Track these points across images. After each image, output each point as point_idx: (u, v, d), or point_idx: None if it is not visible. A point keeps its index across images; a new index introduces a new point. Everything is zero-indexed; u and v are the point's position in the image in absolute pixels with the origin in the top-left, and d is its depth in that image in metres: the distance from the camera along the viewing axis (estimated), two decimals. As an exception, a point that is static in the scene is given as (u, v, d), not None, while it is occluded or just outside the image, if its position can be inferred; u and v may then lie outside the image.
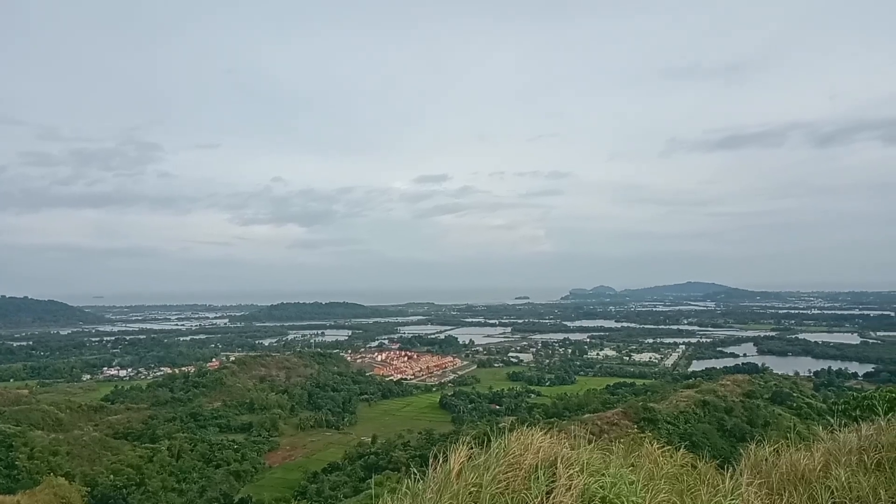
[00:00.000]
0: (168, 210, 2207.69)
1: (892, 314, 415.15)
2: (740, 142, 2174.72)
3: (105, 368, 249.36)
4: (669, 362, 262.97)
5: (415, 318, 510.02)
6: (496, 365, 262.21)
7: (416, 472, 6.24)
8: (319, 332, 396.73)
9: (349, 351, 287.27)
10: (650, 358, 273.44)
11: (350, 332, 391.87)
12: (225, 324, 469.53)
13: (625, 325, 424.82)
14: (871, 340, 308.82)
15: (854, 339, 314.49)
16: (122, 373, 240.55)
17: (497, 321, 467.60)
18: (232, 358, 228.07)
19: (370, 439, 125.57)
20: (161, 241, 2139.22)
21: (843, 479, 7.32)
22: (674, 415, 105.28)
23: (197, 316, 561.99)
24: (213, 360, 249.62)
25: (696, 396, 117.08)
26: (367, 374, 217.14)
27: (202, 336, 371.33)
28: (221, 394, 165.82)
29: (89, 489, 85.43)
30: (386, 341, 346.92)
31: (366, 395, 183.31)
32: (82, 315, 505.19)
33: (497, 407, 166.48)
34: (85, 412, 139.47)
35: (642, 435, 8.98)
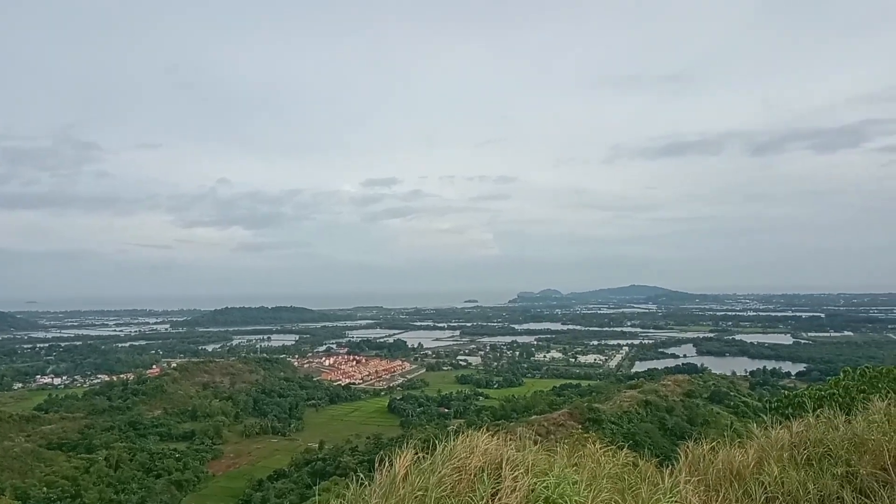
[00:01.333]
0: (107, 211, 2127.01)
1: (823, 316, 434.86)
2: (681, 149, 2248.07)
3: (38, 377, 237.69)
4: (614, 363, 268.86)
5: (363, 322, 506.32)
6: (445, 368, 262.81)
7: (362, 477, 6.20)
8: (265, 337, 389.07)
9: (296, 356, 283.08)
10: (595, 359, 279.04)
11: (297, 337, 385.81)
12: (166, 329, 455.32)
13: (571, 327, 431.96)
14: (802, 341, 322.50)
15: (787, 340, 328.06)
16: (57, 381, 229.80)
17: (446, 324, 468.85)
18: (173, 364, 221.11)
19: (317, 445, 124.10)
20: (99, 244, 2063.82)
21: (775, 474, 7.62)
22: (618, 415, 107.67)
23: (136, 321, 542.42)
24: (154, 366, 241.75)
25: (638, 396, 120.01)
26: (315, 379, 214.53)
27: (142, 342, 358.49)
28: (162, 401, 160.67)
29: (20, 503, 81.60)
30: (334, 346, 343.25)
31: (313, 401, 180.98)
32: (14, 321, 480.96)
33: (446, 410, 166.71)
34: (16, 422, 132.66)
35: (586, 435, 9.17)
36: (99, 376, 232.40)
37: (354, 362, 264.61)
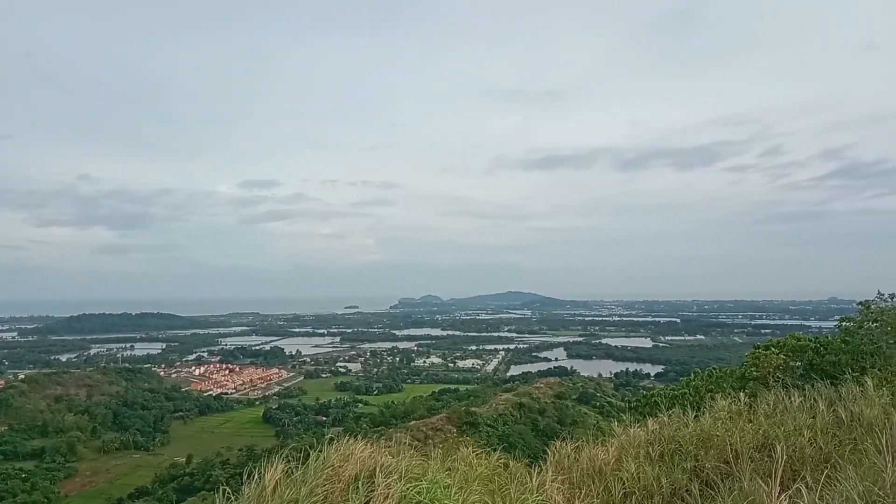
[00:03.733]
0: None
1: (679, 321, 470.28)
2: (556, 162, 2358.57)
3: None
4: (490, 368, 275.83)
5: (238, 330, 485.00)
6: (324, 375, 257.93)
7: (229, 491, 5.93)
8: (128, 345, 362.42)
9: (162, 365, 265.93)
10: (473, 364, 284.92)
11: (164, 346, 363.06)
12: (13, 337, 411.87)
13: (451, 332, 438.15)
14: (661, 344, 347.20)
15: (647, 343, 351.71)
16: None
17: (326, 331, 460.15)
18: (21, 376, 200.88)
19: (184, 459, 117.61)
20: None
21: (633, 470, 8.16)
22: (493, 417, 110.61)
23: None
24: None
25: (513, 399, 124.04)
26: (183, 389, 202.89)
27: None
28: (8, 416, 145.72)
29: None
30: (205, 354, 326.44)
31: (181, 413, 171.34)
32: None
33: (324, 418, 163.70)
34: None
35: (460, 439, 9.36)
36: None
37: (227, 371, 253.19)
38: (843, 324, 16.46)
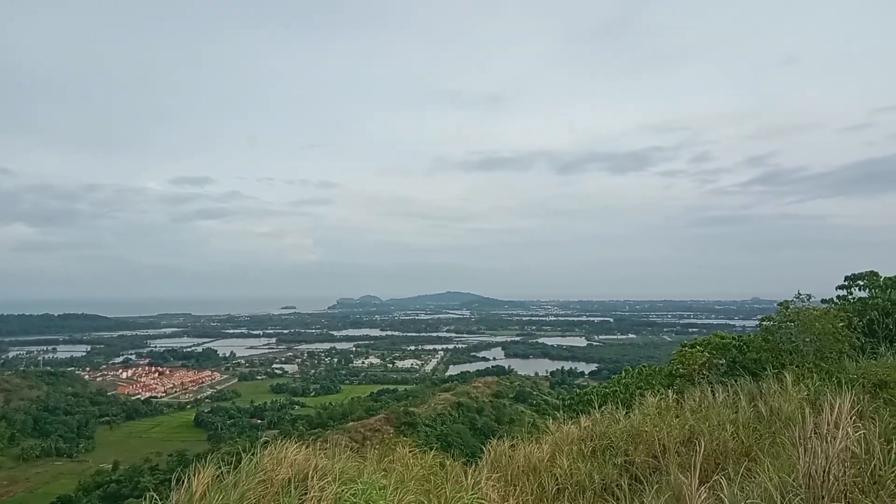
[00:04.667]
0: None
1: (612, 320, 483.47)
2: (496, 165, 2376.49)
3: None
4: (429, 367, 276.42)
5: (169, 331, 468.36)
6: (259, 377, 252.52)
7: (157, 497, 5.72)
8: (50, 348, 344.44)
9: (87, 369, 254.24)
10: (412, 364, 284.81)
11: (89, 348, 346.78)
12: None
13: (389, 333, 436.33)
14: (595, 343, 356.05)
15: (582, 342, 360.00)
16: None
17: (261, 332, 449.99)
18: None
19: (111, 466, 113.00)
20: None
21: (566, 466, 8.35)
22: (432, 417, 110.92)
23: None
24: None
25: (451, 399, 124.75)
26: (110, 393, 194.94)
27: None
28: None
29: None
30: (133, 356, 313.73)
31: (107, 417, 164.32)
32: None
33: (258, 421, 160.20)
34: None
35: (397, 440, 9.33)
36: None
37: (157, 374, 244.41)
38: (764, 323, 17.22)
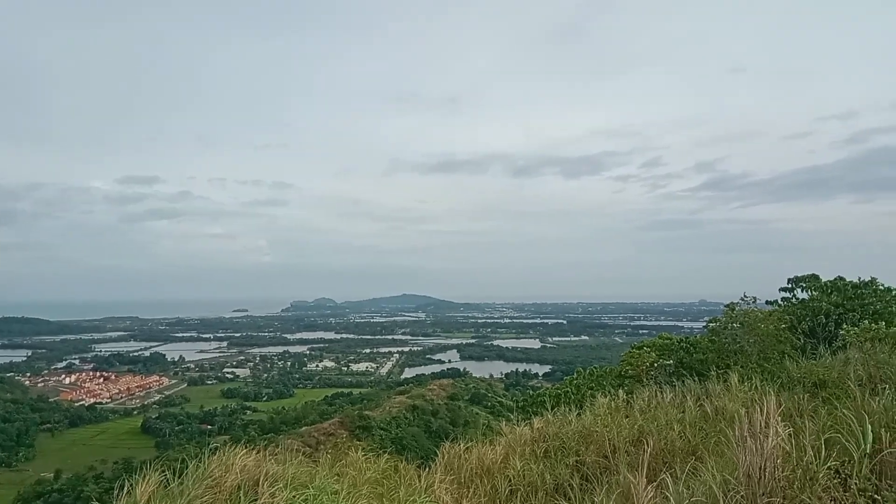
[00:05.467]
0: None
1: (565, 322, 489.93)
2: (452, 167, 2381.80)
3: None
4: (385, 371, 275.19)
5: (115, 335, 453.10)
6: (210, 382, 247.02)
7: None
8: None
9: (28, 374, 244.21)
10: (367, 367, 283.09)
11: (29, 353, 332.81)
12: None
13: (344, 336, 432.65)
14: (548, 345, 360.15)
15: (536, 344, 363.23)
16: None
17: (212, 335, 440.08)
18: None
19: (53, 475, 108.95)
20: None
21: (518, 467, 8.46)
22: (387, 420, 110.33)
23: None
24: None
25: (407, 402, 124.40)
26: (52, 399, 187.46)
27: None
28: None
29: None
30: (77, 361, 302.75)
31: (49, 425, 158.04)
32: None
33: (208, 427, 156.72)
34: None
35: (350, 444, 9.29)
36: None
37: (102, 379, 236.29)
38: (711, 324, 17.79)
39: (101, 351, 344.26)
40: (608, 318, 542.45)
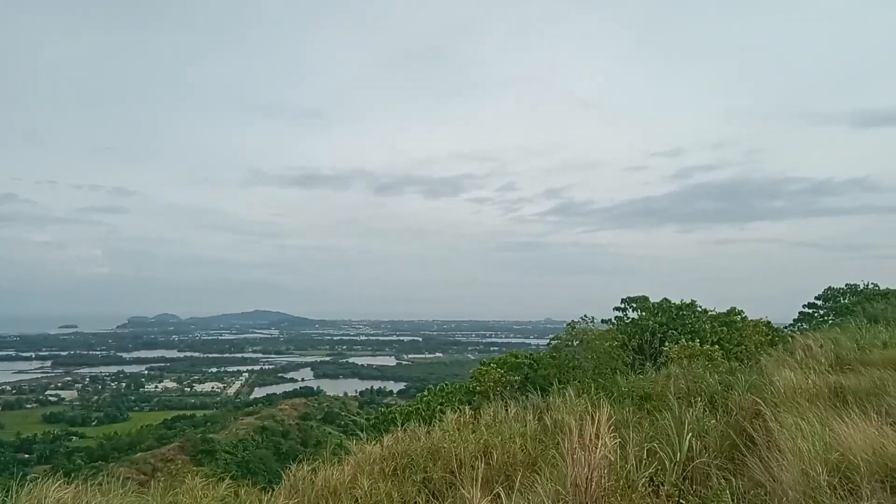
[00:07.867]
0: None
1: (420, 339, 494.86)
2: (314, 182, 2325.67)
3: None
4: (232, 391, 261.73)
5: None
6: (29, 406, 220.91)
7: None
8: None
9: None
10: (213, 387, 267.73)
11: None
12: None
13: (189, 354, 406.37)
14: (404, 362, 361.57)
15: (392, 362, 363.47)
16: None
17: (34, 354, 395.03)
18: None
19: None
20: None
21: (366, 487, 8.40)
22: (233, 443, 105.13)
23: None
24: None
25: (255, 423, 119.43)
26: None
27: None
28: None
29: None
30: None
31: None
32: None
33: (26, 456, 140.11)
34: None
35: (189, 469, 8.76)
36: None
37: None
38: (553, 342, 18.93)
39: None
40: (462, 335, 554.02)
